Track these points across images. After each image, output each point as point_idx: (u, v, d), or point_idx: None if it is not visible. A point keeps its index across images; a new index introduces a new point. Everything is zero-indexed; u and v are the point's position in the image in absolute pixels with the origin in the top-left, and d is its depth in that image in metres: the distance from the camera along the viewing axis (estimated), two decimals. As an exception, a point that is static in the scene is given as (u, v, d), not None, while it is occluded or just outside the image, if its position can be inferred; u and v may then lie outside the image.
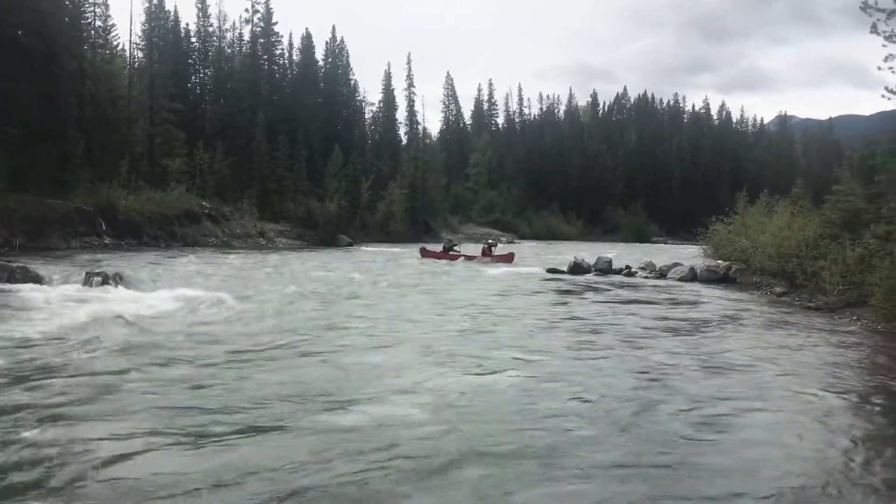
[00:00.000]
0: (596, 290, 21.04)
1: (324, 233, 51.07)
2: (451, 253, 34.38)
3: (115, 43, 50.68)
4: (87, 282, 16.62)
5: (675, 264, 27.08)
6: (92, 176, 36.02)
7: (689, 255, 34.24)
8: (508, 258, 32.57)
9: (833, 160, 74.61)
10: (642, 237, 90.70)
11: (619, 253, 39.24)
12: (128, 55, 52.34)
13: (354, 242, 52.10)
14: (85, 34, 43.66)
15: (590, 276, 26.31)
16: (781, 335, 12.89)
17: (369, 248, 47.22)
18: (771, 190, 30.88)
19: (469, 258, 33.23)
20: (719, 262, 26.89)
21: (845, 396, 8.37)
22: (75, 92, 37.92)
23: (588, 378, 8.82)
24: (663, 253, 43.62)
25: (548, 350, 10.69)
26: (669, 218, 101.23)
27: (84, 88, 40.61)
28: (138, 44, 54.05)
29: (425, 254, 34.89)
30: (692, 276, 25.05)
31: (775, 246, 21.88)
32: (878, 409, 7.99)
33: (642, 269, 27.69)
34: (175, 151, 47.31)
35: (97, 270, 17.53)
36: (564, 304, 17.39)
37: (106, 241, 32.45)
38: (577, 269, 27.51)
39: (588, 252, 36.30)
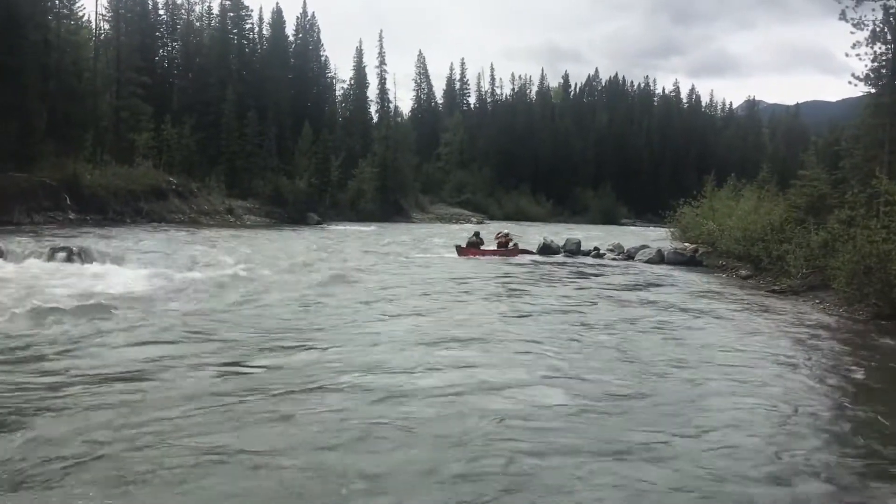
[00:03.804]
0: (565, 271, 21.20)
1: (293, 211, 50.62)
2: (483, 249, 26.95)
3: (80, 14, 49.27)
4: (51, 257, 16.39)
5: (643, 246, 27.36)
6: (56, 150, 35.27)
7: (657, 237, 34.59)
8: (529, 251, 27.50)
9: (799, 145, 75.64)
10: (611, 219, 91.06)
11: (588, 235, 39.42)
12: (94, 26, 51.15)
13: (323, 221, 51.72)
14: (49, 4, 42.56)
15: (559, 258, 26.51)
16: (744, 318, 13.10)
17: (338, 227, 46.93)
18: (738, 174, 31.27)
19: (486, 253, 26.57)
20: (686, 244, 27.23)
21: (803, 379, 8.55)
22: (39, 63, 37.04)
23: (553, 362, 8.93)
24: (632, 235, 43.96)
25: (519, 333, 10.77)
26: (638, 200, 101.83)
27: (48, 60, 39.65)
28: (104, 15, 52.72)
29: (463, 252, 26.28)
30: (660, 259, 25.33)
31: (741, 229, 22.21)
32: (831, 389, 8.20)
33: (611, 251, 27.91)
34: (142, 126, 46.36)
35: (61, 245, 17.30)
36: (536, 286, 17.49)
37: (71, 217, 31.89)
38: (547, 250, 27.69)
39: (557, 234, 36.47)
